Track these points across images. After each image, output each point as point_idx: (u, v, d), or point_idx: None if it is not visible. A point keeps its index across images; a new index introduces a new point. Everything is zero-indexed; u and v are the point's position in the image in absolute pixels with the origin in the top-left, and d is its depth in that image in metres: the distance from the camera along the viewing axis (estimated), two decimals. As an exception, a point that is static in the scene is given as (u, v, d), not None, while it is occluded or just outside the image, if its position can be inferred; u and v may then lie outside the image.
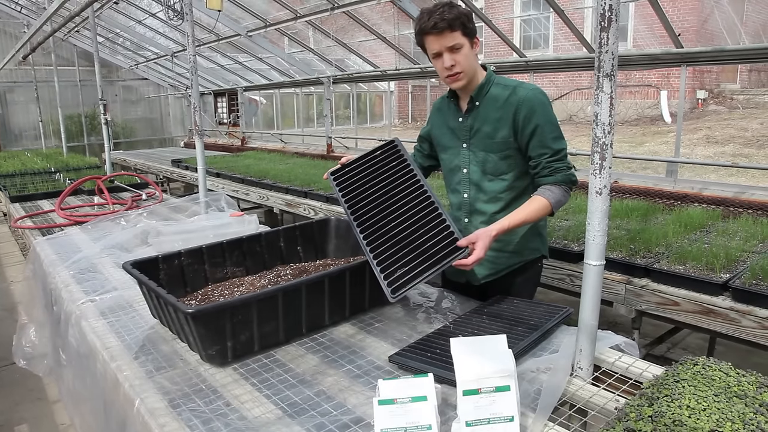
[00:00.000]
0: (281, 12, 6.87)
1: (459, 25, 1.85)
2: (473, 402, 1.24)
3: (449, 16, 1.84)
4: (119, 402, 1.60)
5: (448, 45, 1.88)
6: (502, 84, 1.99)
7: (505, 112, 1.94)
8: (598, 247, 1.41)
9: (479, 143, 2.01)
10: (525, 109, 1.91)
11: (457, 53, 1.89)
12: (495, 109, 1.96)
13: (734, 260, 2.62)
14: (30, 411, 3.13)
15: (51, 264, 2.71)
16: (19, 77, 11.64)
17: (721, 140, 9.76)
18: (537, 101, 1.91)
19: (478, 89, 1.99)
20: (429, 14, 1.87)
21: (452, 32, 1.86)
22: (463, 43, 1.88)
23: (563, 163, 1.93)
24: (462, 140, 2.06)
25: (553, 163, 1.91)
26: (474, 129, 2.02)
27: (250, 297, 1.68)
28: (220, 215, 3.39)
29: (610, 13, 1.30)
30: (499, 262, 2.10)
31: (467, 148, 2.05)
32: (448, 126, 2.11)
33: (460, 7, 1.89)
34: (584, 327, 1.48)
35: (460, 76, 1.93)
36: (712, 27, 9.67)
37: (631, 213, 3.51)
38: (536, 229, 2.11)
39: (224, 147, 10.56)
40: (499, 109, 1.95)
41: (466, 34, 1.88)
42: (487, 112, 1.98)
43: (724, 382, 1.31)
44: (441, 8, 1.85)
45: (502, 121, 1.95)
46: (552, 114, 1.94)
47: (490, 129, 1.97)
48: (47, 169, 6.38)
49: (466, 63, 1.91)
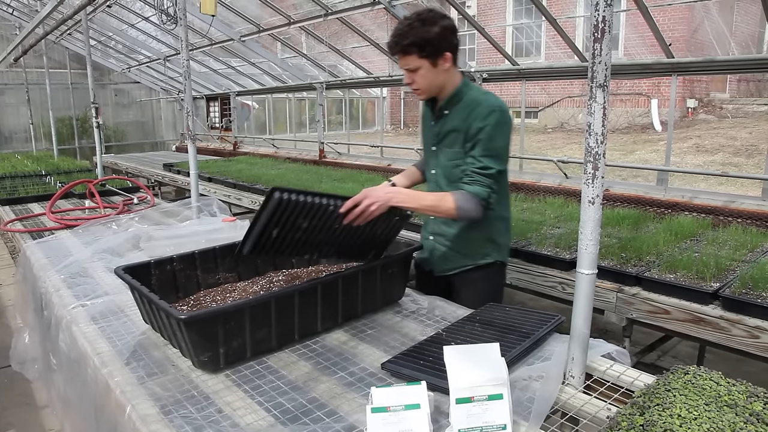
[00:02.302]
0: (275, 17, 6.88)
1: (414, 49, 1.95)
2: (466, 410, 1.24)
3: (405, 41, 1.94)
4: (110, 408, 1.59)
5: (405, 66, 2.02)
6: (471, 97, 2.07)
7: (465, 124, 2.04)
8: (591, 256, 1.42)
9: (443, 149, 2.15)
10: (479, 123, 1.99)
11: (414, 74, 2.01)
12: (460, 119, 2.07)
13: (724, 269, 2.64)
14: (18, 416, 3.10)
15: (41, 268, 2.69)
16: (10, 79, 11.56)
17: (710, 149, 9.86)
18: (492, 119, 1.98)
19: (447, 99, 2.10)
20: (393, 32, 1.98)
21: (406, 56, 1.97)
22: (420, 65, 1.98)
23: (486, 179, 1.98)
24: (432, 143, 2.21)
25: (476, 175, 1.98)
26: (441, 135, 2.15)
27: (243, 303, 1.68)
28: (212, 220, 3.38)
29: (604, 25, 1.31)
30: (451, 260, 2.28)
31: (436, 152, 2.20)
32: (427, 128, 2.26)
33: (427, 26, 1.93)
34: (576, 335, 1.49)
35: (418, 93, 2.09)
36: (702, 37, 9.78)
37: (622, 221, 3.53)
38: (489, 236, 2.23)
39: (216, 151, 10.53)
40: (463, 120, 2.05)
41: (423, 57, 1.96)
42: (453, 122, 2.09)
43: (714, 391, 1.32)
44: (402, 29, 1.95)
45: (461, 132, 2.06)
46: (502, 134, 2.00)
47: (452, 138, 2.10)
48: (38, 172, 6.34)
49: (423, 82, 2.03)
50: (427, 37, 1.92)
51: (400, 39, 1.94)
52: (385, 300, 2.13)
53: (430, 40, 1.93)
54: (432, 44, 1.94)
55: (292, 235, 1.78)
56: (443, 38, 1.95)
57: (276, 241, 1.76)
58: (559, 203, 4.20)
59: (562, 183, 5.05)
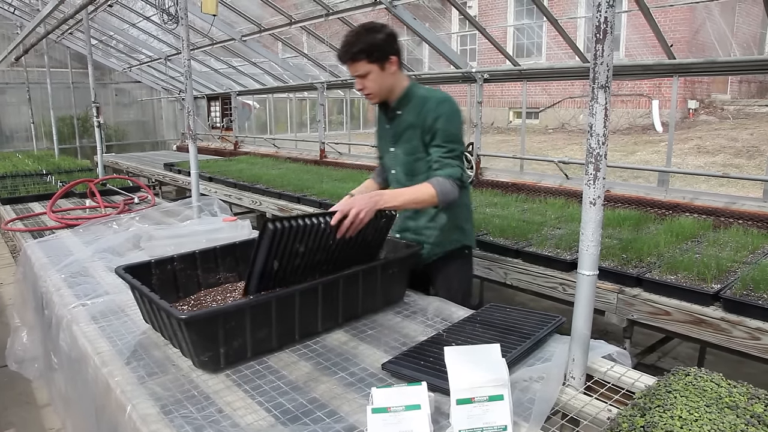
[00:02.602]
0: (276, 17, 6.88)
1: (363, 55, 2.08)
2: (467, 411, 1.24)
3: (353, 49, 2.08)
4: (111, 407, 1.58)
5: (355, 73, 2.13)
6: (420, 95, 2.21)
7: (420, 119, 2.17)
8: (592, 257, 1.42)
9: (401, 147, 2.26)
10: (433, 114, 2.14)
11: (365, 79, 2.13)
12: (413, 116, 2.20)
13: (725, 270, 2.64)
14: (18, 415, 3.10)
15: (42, 267, 2.69)
16: (11, 78, 11.56)
17: (711, 150, 9.85)
18: (444, 108, 2.14)
19: (398, 100, 2.23)
20: (341, 44, 2.11)
21: (355, 62, 2.10)
22: (370, 69, 2.11)
23: (454, 160, 2.13)
24: (390, 145, 2.33)
25: (444, 159, 2.12)
26: (397, 134, 2.27)
27: (243, 303, 1.68)
28: (212, 220, 3.37)
29: (606, 26, 1.31)
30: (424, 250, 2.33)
31: (393, 152, 2.32)
32: (382, 132, 2.38)
33: (372, 34, 2.08)
34: (577, 336, 1.49)
35: (370, 97, 2.20)
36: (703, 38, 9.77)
37: (623, 222, 3.53)
38: (456, 223, 2.34)
39: (217, 151, 10.53)
40: (417, 115, 2.18)
41: (372, 61, 2.10)
42: (407, 119, 2.21)
43: (715, 393, 1.32)
44: (350, 38, 2.09)
45: (417, 127, 2.19)
46: (455, 121, 2.16)
47: (408, 134, 2.22)
48: (39, 172, 6.34)
49: (374, 86, 2.15)
50: (374, 43, 2.07)
51: (350, 47, 2.08)
52: (385, 300, 2.13)
53: (377, 46, 2.08)
54: (379, 49, 2.09)
55: (292, 263, 1.81)
56: (388, 44, 2.11)
57: (278, 272, 1.79)
58: (560, 204, 4.20)
59: (563, 184, 5.04)
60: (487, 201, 4.53)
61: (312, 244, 1.82)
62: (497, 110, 15.43)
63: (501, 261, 3.18)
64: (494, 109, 15.20)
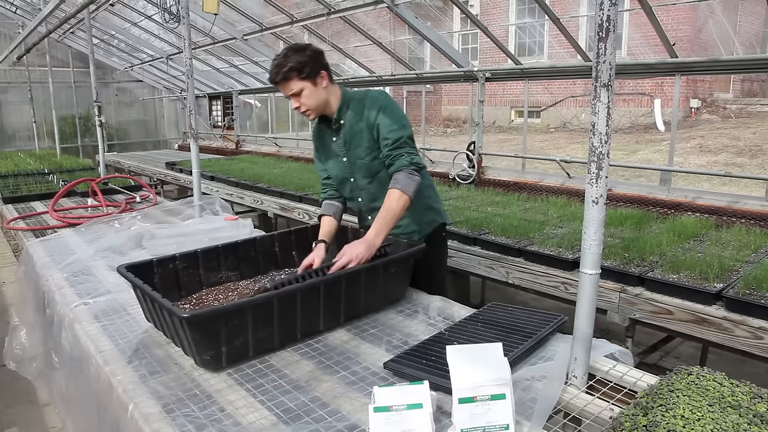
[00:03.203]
0: (277, 16, 6.87)
1: (294, 73, 2.13)
2: (469, 410, 1.24)
3: (283, 69, 2.13)
4: (113, 406, 1.59)
5: (290, 92, 2.18)
6: (355, 99, 2.28)
7: (362, 120, 2.23)
8: (594, 256, 1.42)
9: (354, 153, 2.29)
10: (372, 111, 2.20)
11: (299, 96, 2.18)
12: (356, 119, 2.25)
13: (728, 270, 2.63)
14: (20, 414, 3.10)
15: (44, 266, 2.69)
16: (13, 78, 11.57)
17: (714, 149, 9.83)
18: (378, 102, 2.21)
19: (338, 111, 2.27)
20: (270, 67, 2.18)
21: (288, 82, 2.15)
22: (303, 86, 2.16)
23: (402, 149, 2.16)
24: (342, 156, 2.35)
25: (393, 152, 2.16)
26: (347, 142, 2.30)
27: (245, 302, 1.68)
28: (214, 219, 3.38)
29: (608, 24, 1.31)
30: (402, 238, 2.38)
31: (347, 161, 2.33)
32: (328, 147, 2.40)
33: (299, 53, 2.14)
34: (579, 335, 1.49)
35: (308, 113, 2.24)
36: (705, 37, 9.75)
37: (625, 221, 3.52)
38: (426, 205, 2.40)
39: (219, 150, 10.53)
40: (359, 117, 2.24)
41: (303, 78, 2.15)
42: (352, 125, 2.26)
43: (718, 392, 1.32)
44: (279, 60, 2.14)
45: (364, 130, 2.23)
46: (392, 110, 2.20)
47: (357, 138, 2.26)
48: (41, 171, 6.35)
49: (310, 102, 2.20)
50: (302, 61, 2.13)
51: (280, 68, 2.13)
52: (387, 299, 2.13)
53: (306, 63, 2.14)
54: (308, 66, 2.14)
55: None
56: (315, 60, 2.17)
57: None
58: (562, 203, 4.20)
59: (564, 183, 5.04)
60: (489, 200, 4.53)
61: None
62: (499, 109, 15.41)
63: (503, 260, 3.18)
64: (496, 108, 15.18)
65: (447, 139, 14.47)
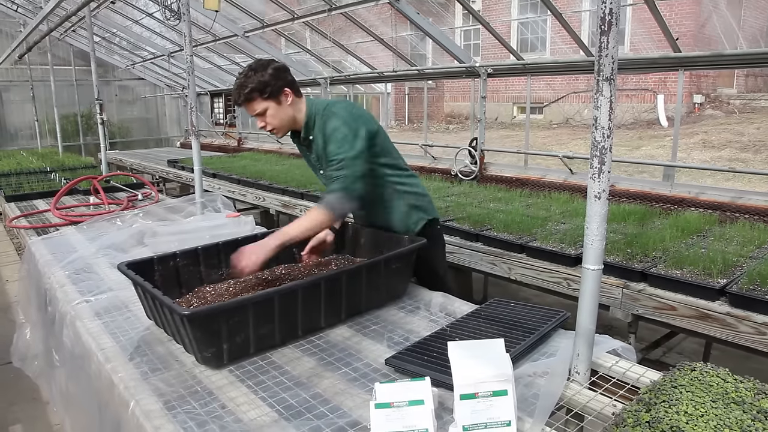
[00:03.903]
0: (278, 13, 6.86)
1: (256, 94, 2.09)
2: (470, 406, 1.23)
3: (245, 91, 2.09)
4: (114, 403, 1.58)
5: (254, 113, 2.15)
6: (318, 113, 2.21)
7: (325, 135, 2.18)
8: (597, 252, 1.41)
9: (327, 167, 2.21)
10: (321, 130, 2.17)
11: (264, 116, 2.15)
12: (320, 136, 2.20)
13: (731, 265, 2.62)
14: (25, 411, 3.11)
15: (46, 264, 2.69)
16: (15, 76, 11.58)
17: (717, 145, 9.79)
18: (327, 116, 2.17)
19: (305, 127, 2.23)
20: (233, 90, 2.13)
21: (251, 102, 2.11)
22: (267, 106, 2.12)
23: (340, 171, 2.09)
24: (318, 170, 2.35)
25: (334, 172, 2.11)
26: (319, 158, 2.26)
27: (246, 299, 1.67)
28: (216, 216, 3.38)
29: (611, 17, 1.30)
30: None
31: (323, 175, 2.30)
32: (308, 160, 2.39)
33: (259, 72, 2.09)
34: (582, 331, 1.48)
35: (275, 131, 2.20)
36: (709, 31, 9.71)
37: (628, 217, 3.51)
38: (408, 206, 2.37)
39: (220, 147, 10.53)
40: (321, 135, 2.19)
41: (267, 98, 2.11)
42: (318, 141, 2.22)
43: (721, 388, 1.31)
44: (240, 81, 2.10)
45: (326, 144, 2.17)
46: (338, 124, 2.12)
47: (325, 155, 2.20)
48: (43, 169, 6.35)
49: (275, 120, 2.16)
50: (263, 80, 2.09)
51: (242, 89, 2.09)
52: (388, 296, 2.12)
53: (267, 83, 2.09)
54: (269, 85, 2.10)
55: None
56: (277, 78, 2.12)
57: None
58: (565, 199, 4.18)
59: (567, 179, 5.02)
60: (491, 196, 4.52)
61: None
62: (501, 105, 15.38)
63: (505, 256, 3.17)
64: (498, 104, 15.15)
65: (449, 136, 14.45)
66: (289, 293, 1.75)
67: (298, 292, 1.77)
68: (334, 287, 1.88)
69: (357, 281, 1.96)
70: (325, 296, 1.85)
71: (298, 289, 1.77)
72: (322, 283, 1.84)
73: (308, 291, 1.80)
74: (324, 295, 1.85)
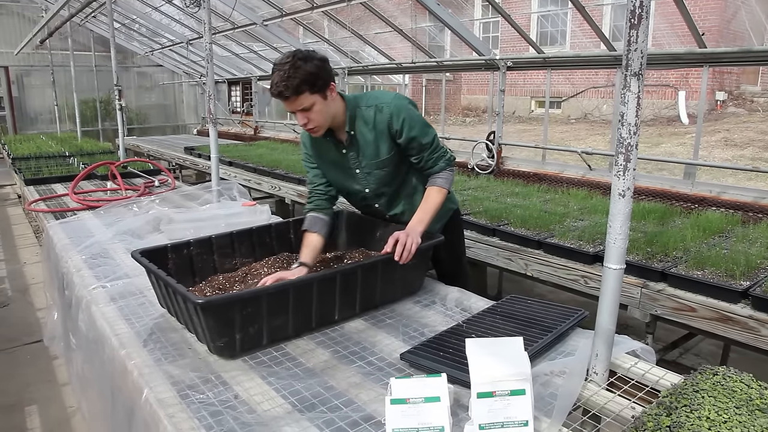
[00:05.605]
0: (297, 1, 6.83)
1: (305, 87, 1.88)
2: (487, 405, 1.21)
3: (293, 82, 1.86)
4: (127, 389, 1.59)
5: (299, 107, 1.93)
6: (364, 106, 2.11)
7: (379, 129, 2.10)
8: (619, 250, 1.38)
9: (369, 165, 2.17)
10: (396, 120, 2.07)
11: (309, 112, 1.95)
12: (369, 131, 2.11)
13: (755, 267, 2.57)
14: (40, 392, 3.15)
15: (63, 248, 2.71)
16: (36, 61, 11.70)
17: (740, 143, 9.62)
18: (402, 109, 2.08)
19: (349, 122, 2.09)
20: (276, 78, 1.88)
21: (299, 96, 1.89)
22: (314, 101, 1.93)
23: (438, 152, 2.17)
24: (354, 168, 2.20)
25: (432, 155, 2.16)
26: (359, 154, 2.16)
27: (261, 290, 1.66)
28: (232, 204, 3.38)
29: (641, 10, 1.26)
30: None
31: (361, 173, 2.20)
32: (330, 159, 2.23)
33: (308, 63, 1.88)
34: (601, 331, 1.45)
35: (315, 130, 2.03)
36: (735, 27, 9.50)
37: (648, 215, 3.45)
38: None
39: (237, 136, 10.55)
40: (372, 129, 2.10)
41: (314, 92, 1.92)
42: (364, 137, 2.12)
43: (745, 394, 1.27)
44: (285, 71, 1.86)
45: (380, 139, 2.11)
46: (416, 114, 2.12)
47: (372, 149, 2.13)
48: (62, 153, 6.41)
49: (320, 118, 1.99)
50: (314, 72, 1.89)
51: (290, 81, 1.86)
52: (404, 290, 2.10)
53: (317, 74, 1.90)
54: (320, 77, 1.92)
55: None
56: (325, 69, 1.94)
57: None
58: (583, 195, 4.13)
59: (585, 175, 4.96)
60: (508, 190, 4.47)
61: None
62: (519, 99, 15.24)
63: (522, 252, 3.13)
64: (515, 98, 15.01)
65: (466, 129, 14.35)
66: (304, 286, 1.74)
67: (312, 284, 1.75)
68: (349, 281, 1.86)
69: (372, 275, 1.94)
70: (340, 290, 1.83)
71: (312, 282, 1.76)
72: (338, 276, 1.82)
73: (323, 284, 1.78)
74: (339, 289, 1.83)
